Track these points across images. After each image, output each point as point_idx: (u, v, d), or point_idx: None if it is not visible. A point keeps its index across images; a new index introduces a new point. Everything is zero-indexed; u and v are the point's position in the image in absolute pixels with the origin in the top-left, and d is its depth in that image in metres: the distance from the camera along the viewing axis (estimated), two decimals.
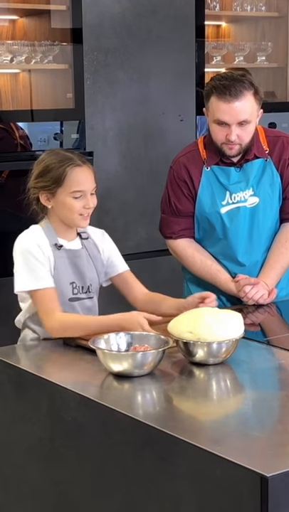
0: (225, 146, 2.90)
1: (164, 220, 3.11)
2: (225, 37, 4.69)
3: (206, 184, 2.99)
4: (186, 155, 3.05)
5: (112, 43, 3.94)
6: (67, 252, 2.62)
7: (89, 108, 3.90)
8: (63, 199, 2.57)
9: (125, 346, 2.32)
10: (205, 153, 3.00)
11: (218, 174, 2.98)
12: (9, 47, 3.83)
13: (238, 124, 2.85)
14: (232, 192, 2.97)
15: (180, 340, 2.28)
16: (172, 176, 3.05)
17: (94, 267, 2.68)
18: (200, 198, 2.99)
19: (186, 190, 3.01)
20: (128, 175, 4.07)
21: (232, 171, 2.97)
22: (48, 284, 2.54)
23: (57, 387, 2.21)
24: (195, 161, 3.01)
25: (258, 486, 1.64)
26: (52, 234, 2.61)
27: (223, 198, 2.98)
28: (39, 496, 2.34)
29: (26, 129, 3.86)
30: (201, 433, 1.89)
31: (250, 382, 2.27)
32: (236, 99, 2.82)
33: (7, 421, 2.43)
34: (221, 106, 2.84)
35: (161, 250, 3.95)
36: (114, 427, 2.02)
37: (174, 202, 3.04)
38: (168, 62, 4.12)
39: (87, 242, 2.69)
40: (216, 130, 2.90)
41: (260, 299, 2.92)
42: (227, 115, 2.84)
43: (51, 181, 2.57)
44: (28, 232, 2.61)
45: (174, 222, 3.06)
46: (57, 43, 3.88)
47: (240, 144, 2.89)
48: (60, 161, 2.58)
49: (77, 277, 2.64)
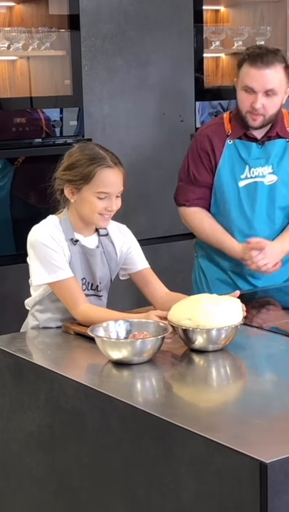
0: (249, 116, 2.96)
1: (180, 188, 3.16)
2: (223, 21, 4.66)
3: (227, 157, 3.03)
4: (210, 127, 3.12)
5: (109, 28, 3.92)
6: (82, 248, 2.58)
7: (87, 95, 3.88)
8: (87, 197, 2.52)
9: (124, 334, 2.31)
10: (229, 126, 3.05)
11: (239, 148, 3.03)
12: (6, 34, 3.80)
13: (265, 94, 2.91)
14: (251, 166, 3.03)
15: (179, 327, 2.27)
16: (195, 145, 3.10)
17: (107, 266, 2.64)
18: (219, 170, 3.04)
19: (206, 161, 3.06)
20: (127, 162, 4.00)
21: (253, 146, 3.03)
22: (66, 275, 2.51)
23: (56, 375, 2.20)
24: (219, 133, 3.06)
25: (257, 473, 1.64)
26: (69, 228, 2.57)
27: (242, 171, 3.03)
28: (39, 483, 2.34)
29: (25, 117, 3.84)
30: (200, 420, 1.88)
31: (249, 368, 2.26)
32: (267, 67, 2.89)
33: (6, 409, 2.43)
34: (251, 71, 2.90)
35: (162, 237, 3.95)
36: (114, 414, 2.02)
37: (192, 171, 3.08)
38: (166, 48, 4.10)
39: (104, 240, 2.64)
40: (243, 97, 2.95)
41: (264, 267, 2.93)
42: (255, 81, 2.90)
43: (79, 177, 2.51)
44: (43, 223, 2.57)
45: (190, 191, 3.11)
46: (54, 30, 3.86)
47: (263, 114, 2.94)
48: (92, 159, 2.52)
49: (88, 274, 2.61)
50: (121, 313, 2.46)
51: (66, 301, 2.52)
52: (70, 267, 2.54)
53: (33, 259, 2.55)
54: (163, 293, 2.66)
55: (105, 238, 2.65)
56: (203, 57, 4.24)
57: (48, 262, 2.50)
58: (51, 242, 2.51)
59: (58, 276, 2.50)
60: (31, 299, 2.64)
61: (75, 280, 2.53)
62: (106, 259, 2.63)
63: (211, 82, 4.54)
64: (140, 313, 2.48)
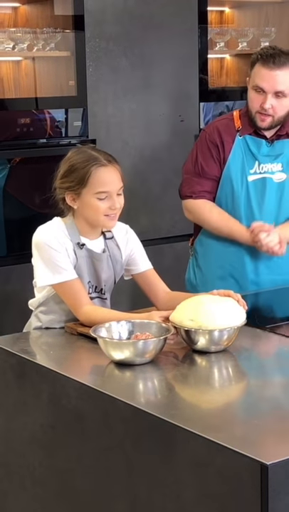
0: (258, 116, 2.97)
1: (186, 180, 3.14)
2: (228, 22, 4.66)
3: (238, 151, 3.04)
4: (220, 121, 3.14)
5: (114, 29, 3.92)
6: (89, 252, 2.58)
7: (91, 95, 3.88)
8: (88, 200, 2.50)
9: (126, 334, 2.32)
10: (240, 122, 3.06)
11: (249, 143, 3.04)
12: (11, 34, 3.81)
13: (275, 95, 2.92)
14: (261, 162, 3.04)
15: (181, 328, 2.28)
16: (204, 137, 3.10)
17: (112, 269, 2.63)
18: (229, 164, 3.04)
19: (215, 153, 3.06)
20: (131, 162, 4.05)
21: (263, 143, 3.04)
22: (70, 276, 2.51)
23: (58, 375, 2.21)
24: (229, 128, 3.07)
25: (258, 474, 1.64)
26: (75, 232, 2.56)
27: (252, 166, 3.04)
28: (41, 483, 2.34)
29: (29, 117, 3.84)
30: (202, 421, 1.89)
31: (251, 369, 2.26)
32: (278, 68, 2.91)
33: (9, 409, 2.44)
34: (262, 71, 2.92)
35: (165, 238, 3.96)
36: (116, 415, 2.02)
37: (200, 163, 3.08)
38: (171, 49, 4.10)
39: (110, 243, 2.64)
40: (253, 97, 2.97)
41: (275, 247, 2.95)
42: (266, 82, 2.92)
43: (75, 182, 2.50)
44: (48, 225, 2.56)
45: (197, 183, 3.10)
46: (59, 30, 3.86)
47: (272, 115, 2.96)
48: (85, 161, 2.51)
49: (94, 278, 2.61)
50: (124, 314, 2.47)
51: (70, 302, 2.53)
52: (76, 270, 2.54)
53: (37, 260, 2.55)
54: (164, 293, 2.66)
55: (111, 241, 2.64)
56: (208, 58, 4.24)
57: (52, 263, 2.51)
58: (55, 243, 2.51)
59: (62, 278, 2.51)
60: (35, 300, 2.64)
61: (79, 281, 2.53)
62: (112, 263, 2.63)
63: (216, 83, 4.54)
64: (143, 314, 2.48)
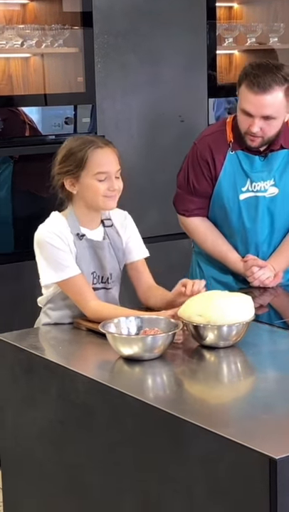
0: (247, 137, 2.85)
1: (179, 195, 3.09)
2: (237, 18, 4.65)
3: (229, 168, 2.95)
4: (212, 135, 3.00)
5: (122, 25, 3.92)
6: (89, 242, 2.58)
7: (100, 92, 3.88)
8: (88, 182, 2.53)
9: (135, 330, 2.32)
10: (232, 136, 2.94)
11: (241, 160, 2.94)
12: (20, 31, 3.81)
13: (263, 118, 2.79)
14: (253, 180, 2.94)
15: (190, 323, 2.28)
16: (195, 154, 3.00)
17: (115, 257, 2.64)
18: (220, 182, 2.96)
19: (206, 171, 2.97)
20: (140, 158, 4.05)
21: (256, 159, 2.93)
22: (73, 272, 2.51)
23: (67, 371, 2.21)
24: (220, 142, 2.95)
25: (266, 469, 1.64)
26: (75, 223, 2.57)
27: (243, 184, 2.95)
28: (50, 478, 2.35)
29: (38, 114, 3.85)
30: (211, 416, 1.89)
31: (260, 365, 2.26)
32: (264, 92, 2.74)
33: (18, 404, 2.44)
34: (247, 96, 2.77)
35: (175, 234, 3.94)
36: (125, 410, 2.03)
37: (192, 180, 3.01)
38: (179, 45, 4.09)
39: (110, 231, 2.65)
40: (241, 119, 2.85)
41: (266, 280, 2.91)
42: (252, 107, 2.77)
43: (74, 165, 2.54)
44: (48, 222, 2.58)
45: (189, 201, 3.05)
46: (67, 27, 3.86)
47: (262, 136, 2.84)
48: (82, 144, 2.55)
49: (98, 268, 2.61)
50: (131, 311, 2.47)
51: (75, 298, 2.53)
52: (78, 262, 2.54)
53: (39, 258, 2.56)
54: (147, 285, 2.66)
55: (110, 229, 2.65)
56: (216, 54, 4.23)
57: (54, 261, 2.51)
58: (57, 240, 2.52)
59: (65, 275, 2.51)
60: (43, 297, 2.65)
61: (82, 277, 2.53)
62: (114, 251, 2.64)
63: (224, 79, 4.53)
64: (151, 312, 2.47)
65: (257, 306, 2.40)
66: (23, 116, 3.80)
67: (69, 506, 2.29)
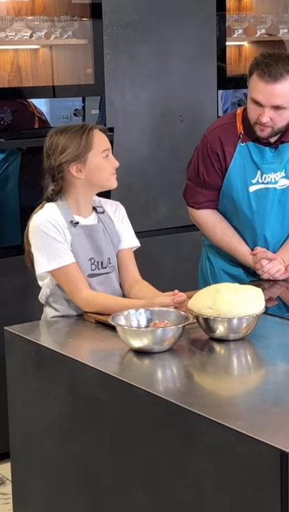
0: (257, 126, 2.84)
1: (189, 187, 3.09)
2: (246, 9, 4.63)
3: (239, 160, 2.93)
4: (222, 126, 2.99)
5: (131, 17, 3.90)
6: (84, 228, 2.61)
7: (109, 83, 3.87)
8: (97, 162, 2.59)
9: (145, 322, 2.32)
10: (242, 127, 2.93)
11: (252, 151, 2.92)
12: (29, 22, 3.80)
13: (273, 107, 2.77)
14: (264, 172, 2.93)
15: (200, 316, 2.27)
16: (205, 146, 2.99)
17: (110, 241, 2.66)
18: (230, 173, 2.95)
19: (216, 163, 2.96)
20: (149, 151, 4.04)
21: (267, 150, 2.92)
22: (67, 261, 2.53)
23: (77, 363, 2.21)
24: (230, 134, 2.94)
25: (277, 462, 1.64)
26: (67, 212, 2.60)
27: (253, 176, 2.94)
28: (60, 471, 2.35)
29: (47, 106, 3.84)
30: (221, 409, 1.88)
31: (270, 357, 2.25)
32: (275, 81, 2.73)
33: (28, 397, 2.44)
34: (258, 85, 2.76)
35: (183, 227, 3.94)
36: (135, 403, 2.02)
37: (202, 173, 3.00)
38: (188, 36, 4.07)
39: (103, 216, 2.68)
40: (251, 108, 2.83)
41: (277, 273, 2.91)
42: (262, 96, 2.76)
43: (81, 149, 2.57)
44: (41, 212, 2.60)
45: (199, 193, 3.04)
46: (76, 18, 3.85)
47: (272, 127, 2.82)
48: (80, 129, 2.60)
49: (95, 253, 2.62)
50: (124, 300, 2.51)
51: (68, 288, 2.54)
52: (74, 249, 2.56)
53: (34, 248, 2.57)
54: (133, 279, 2.67)
55: (103, 215, 2.68)
56: (226, 45, 4.21)
57: (47, 249, 2.53)
58: (50, 228, 2.53)
59: (58, 264, 2.52)
60: (42, 293, 2.66)
61: (76, 266, 2.54)
62: (108, 234, 2.65)
63: (234, 70, 4.51)
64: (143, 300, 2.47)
65: (267, 298, 2.39)
66: (32, 108, 3.80)
67: (78, 498, 2.29)
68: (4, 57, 3.96)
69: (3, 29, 3.71)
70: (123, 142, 3.90)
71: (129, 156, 3.96)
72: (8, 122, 3.63)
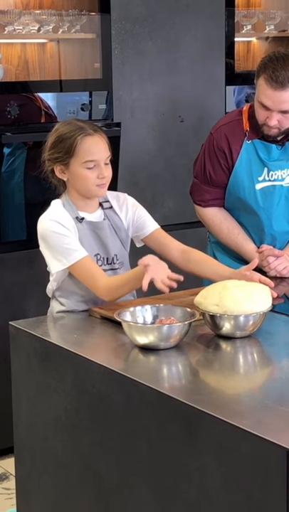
0: (264, 127, 2.85)
1: (195, 185, 3.08)
2: (255, 5, 4.61)
3: (245, 157, 2.93)
4: (228, 124, 2.99)
5: (140, 11, 3.89)
6: (89, 225, 2.59)
7: (116, 78, 3.86)
8: (77, 170, 2.54)
9: (151, 319, 2.31)
10: (248, 125, 2.93)
11: (258, 148, 2.93)
12: (37, 16, 3.80)
13: (281, 112, 2.78)
14: (270, 169, 2.93)
15: (206, 313, 2.26)
16: (212, 143, 2.99)
17: (118, 237, 2.65)
18: (236, 171, 2.95)
19: (223, 161, 2.96)
20: (156, 146, 4.03)
21: (273, 147, 2.92)
22: (80, 255, 2.51)
23: (82, 359, 2.20)
24: (236, 131, 2.94)
25: (283, 460, 1.63)
26: (72, 208, 2.58)
27: (260, 173, 2.94)
28: (64, 467, 2.35)
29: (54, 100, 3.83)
30: (226, 406, 1.87)
31: (277, 355, 2.24)
32: (282, 88, 2.74)
33: (33, 392, 2.44)
34: (265, 90, 2.76)
35: (190, 222, 3.93)
36: (140, 399, 2.02)
37: (208, 171, 3.00)
38: (197, 32, 4.06)
39: (109, 212, 2.65)
40: (258, 110, 2.84)
41: (283, 270, 2.90)
42: (270, 101, 2.77)
43: (63, 152, 2.54)
44: (48, 211, 2.58)
45: (205, 191, 3.04)
46: (84, 12, 3.84)
47: (279, 128, 2.84)
48: (71, 131, 2.54)
49: (101, 249, 2.61)
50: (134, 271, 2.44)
51: (86, 280, 2.52)
52: (81, 244, 2.54)
53: (46, 248, 2.56)
54: (179, 251, 2.66)
55: (109, 210, 2.65)
56: (235, 41, 4.20)
57: (61, 247, 2.51)
58: (59, 227, 2.52)
59: (74, 259, 2.50)
60: (49, 287, 2.65)
61: (90, 258, 2.54)
62: (115, 231, 2.64)
63: (242, 66, 4.50)
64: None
65: (273, 296, 2.37)
66: (38, 103, 3.79)
67: (82, 495, 2.29)
68: (12, 51, 3.95)
69: (10, 23, 3.70)
70: (130, 137, 3.89)
71: (136, 152, 3.95)
72: (14, 116, 3.62)
